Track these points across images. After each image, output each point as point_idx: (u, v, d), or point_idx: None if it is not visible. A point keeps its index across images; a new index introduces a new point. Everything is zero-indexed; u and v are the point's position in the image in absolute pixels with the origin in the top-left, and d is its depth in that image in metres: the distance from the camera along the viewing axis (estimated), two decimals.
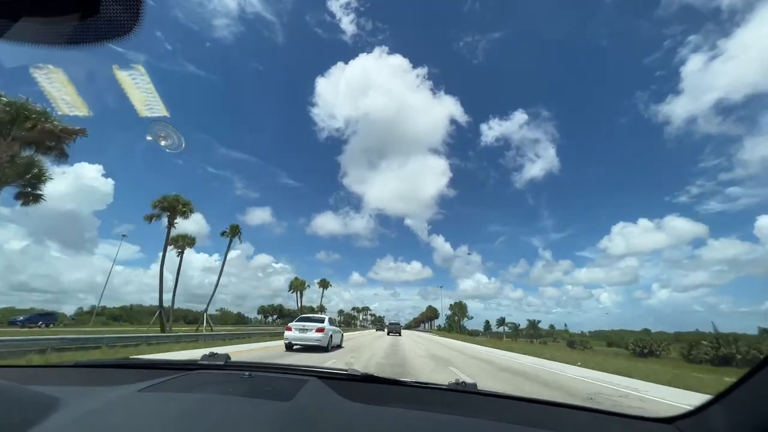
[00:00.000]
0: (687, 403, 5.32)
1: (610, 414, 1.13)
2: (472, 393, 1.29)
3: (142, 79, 1.67)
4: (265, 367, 1.52)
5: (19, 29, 0.71)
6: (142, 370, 1.45)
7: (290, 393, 1.08)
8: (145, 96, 1.71)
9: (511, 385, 7.14)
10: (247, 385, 1.19)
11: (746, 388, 0.77)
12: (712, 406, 0.86)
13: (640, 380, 8.30)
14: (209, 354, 1.61)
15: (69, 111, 1.26)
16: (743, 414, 0.75)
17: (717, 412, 0.84)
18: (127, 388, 1.06)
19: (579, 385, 7.45)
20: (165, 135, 1.90)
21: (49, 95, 1.21)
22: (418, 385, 1.37)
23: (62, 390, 0.98)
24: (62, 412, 0.83)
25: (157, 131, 1.85)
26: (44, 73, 1.14)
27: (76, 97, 1.25)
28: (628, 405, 5.54)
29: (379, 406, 1.07)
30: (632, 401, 5.91)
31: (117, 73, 1.49)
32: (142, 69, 1.65)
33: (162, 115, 1.85)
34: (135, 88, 1.64)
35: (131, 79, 1.62)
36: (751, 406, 0.74)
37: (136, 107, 1.65)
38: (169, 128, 1.92)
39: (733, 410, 0.80)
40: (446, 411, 1.09)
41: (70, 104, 1.25)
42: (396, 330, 37.46)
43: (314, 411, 0.99)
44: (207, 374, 1.38)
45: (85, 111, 1.30)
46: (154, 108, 1.78)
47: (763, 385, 0.73)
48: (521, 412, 1.18)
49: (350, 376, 1.38)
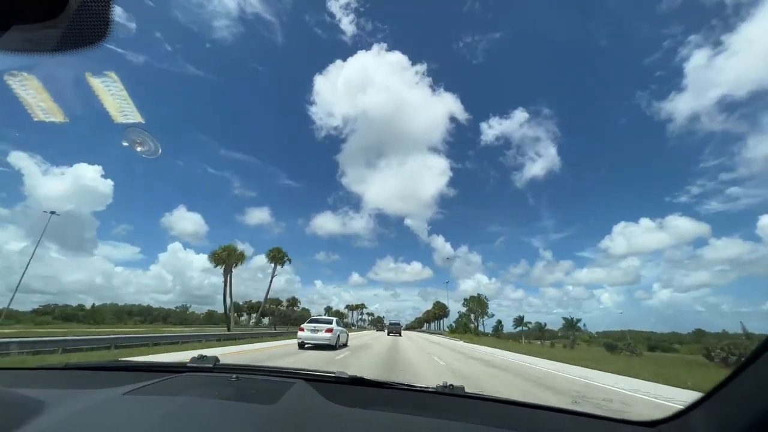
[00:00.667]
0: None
1: (595, 417, 1.13)
2: (461, 396, 1.28)
3: (115, 86, 1.66)
4: (253, 369, 1.52)
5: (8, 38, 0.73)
6: (130, 373, 1.45)
7: (276, 396, 1.08)
8: (119, 103, 1.71)
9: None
10: (233, 388, 1.20)
11: (729, 390, 0.77)
12: (694, 410, 0.86)
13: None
14: (198, 356, 1.61)
15: (45, 117, 1.26)
16: (726, 416, 0.74)
17: (699, 415, 0.84)
18: (112, 390, 1.06)
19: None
20: (141, 141, 1.89)
21: (25, 102, 1.20)
22: (407, 388, 1.35)
23: (48, 393, 0.99)
24: (45, 415, 0.84)
25: (133, 137, 1.84)
26: (18, 80, 1.14)
27: (51, 103, 1.25)
28: (611, 408, 5.60)
29: (365, 410, 1.07)
30: (615, 404, 5.89)
31: (90, 80, 1.48)
32: (115, 76, 1.65)
33: (137, 122, 1.85)
34: (108, 95, 1.64)
35: (104, 86, 1.61)
36: (734, 408, 0.73)
37: (111, 114, 1.64)
38: (144, 134, 1.92)
39: (715, 413, 0.79)
40: (434, 414, 1.09)
41: (45, 110, 1.25)
42: (396, 330, 39.06)
43: (299, 414, 0.99)
44: (195, 377, 1.38)
45: (60, 117, 1.30)
46: (129, 114, 1.77)
47: (745, 387, 0.73)
48: (508, 415, 1.18)
49: (337, 378, 1.37)
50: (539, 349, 25.22)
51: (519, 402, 1.24)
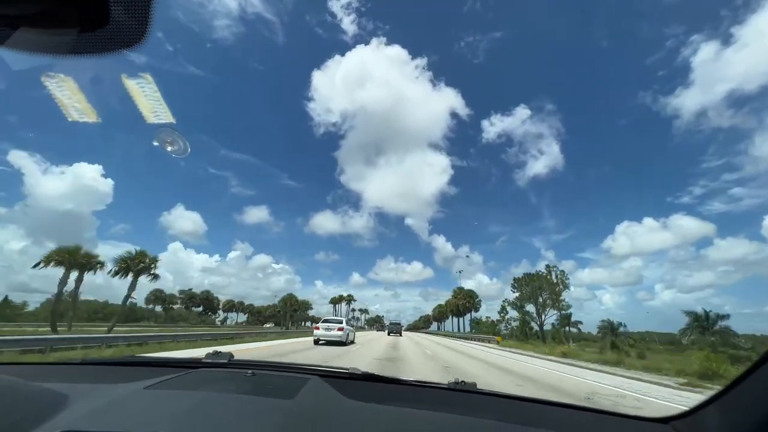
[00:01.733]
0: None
1: (608, 414, 1.14)
2: (472, 392, 1.29)
3: (149, 87, 1.71)
4: (267, 365, 1.53)
5: (27, 39, 0.74)
6: (147, 368, 1.48)
7: (292, 391, 1.10)
8: (152, 104, 1.76)
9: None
10: (250, 384, 1.21)
11: (741, 388, 0.77)
12: (707, 407, 0.86)
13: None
14: (213, 352, 1.63)
15: (79, 118, 1.30)
16: (738, 415, 0.75)
17: (712, 412, 0.85)
18: (133, 385, 1.08)
19: None
20: (171, 141, 1.94)
21: (60, 102, 1.25)
22: (418, 384, 1.37)
23: (70, 387, 1.00)
24: (70, 408, 0.85)
25: (164, 137, 1.89)
26: (55, 82, 1.18)
27: (86, 104, 1.29)
28: (625, 405, 5.69)
29: (378, 405, 1.08)
30: (629, 401, 5.95)
31: (125, 81, 1.53)
32: (149, 77, 1.70)
33: (168, 122, 1.90)
34: (143, 96, 1.69)
35: (139, 87, 1.66)
36: (746, 406, 0.74)
37: (144, 114, 1.69)
38: (175, 134, 1.97)
39: (728, 411, 0.80)
40: (446, 410, 1.10)
41: (80, 111, 1.29)
42: (396, 330, 39.63)
43: (316, 409, 1.00)
44: (211, 372, 1.40)
45: (94, 117, 1.34)
46: (161, 115, 1.82)
47: (757, 386, 0.73)
48: (521, 412, 1.18)
49: (351, 374, 1.38)
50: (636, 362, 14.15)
51: (531, 398, 1.25)
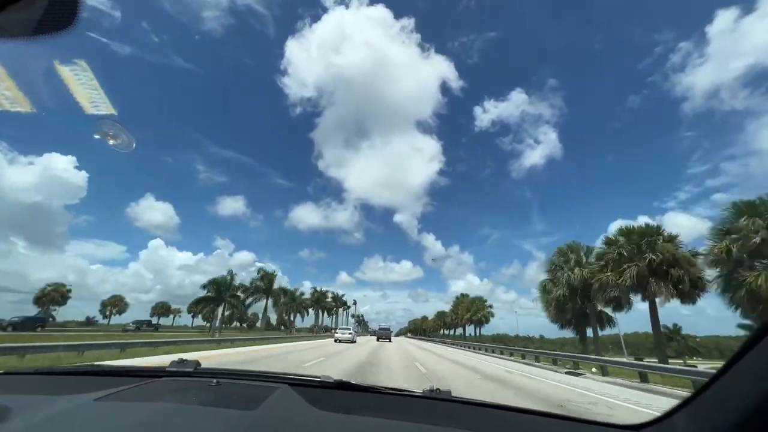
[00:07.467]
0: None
1: (580, 421, 1.14)
2: (447, 400, 1.27)
3: (86, 75, 1.58)
4: (235, 374, 1.48)
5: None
6: (105, 378, 1.39)
7: (257, 401, 1.05)
8: (90, 93, 1.63)
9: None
10: (212, 394, 1.17)
11: (710, 394, 0.78)
12: (677, 413, 0.87)
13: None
14: (178, 360, 1.54)
15: (11, 107, 1.18)
16: (708, 419, 0.75)
17: (682, 418, 0.85)
18: (83, 396, 1.01)
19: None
20: (113, 134, 1.81)
21: None
22: (392, 392, 1.33)
23: (16, 399, 0.95)
24: (11, 423, 0.80)
25: (105, 130, 1.76)
26: None
27: (17, 92, 1.17)
28: (597, 412, 5.73)
29: (350, 415, 1.05)
30: (601, 408, 6.01)
31: (59, 68, 1.40)
32: (85, 64, 1.57)
33: (109, 113, 1.76)
34: (78, 85, 1.55)
35: (73, 75, 1.53)
36: (715, 412, 0.74)
37: (81, 105, 1.56)
38: (117, 127, 1.84)
39: (697, 416, 0.80)
40: (420, 419, 1.07)
41: (11, 99, 1.17)
42: (386, 336, 38.68)
43: (281, 420, 0.96)
44: (173, 382, 1.34)
45: (27, 107, 1.22)
46: (100, 105, 1.69)
47: (725, 390, 0.73)
48: (495, 420, 1.18)
49: (322, 383, 1.33)
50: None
51: (505, 406, 1.24)
